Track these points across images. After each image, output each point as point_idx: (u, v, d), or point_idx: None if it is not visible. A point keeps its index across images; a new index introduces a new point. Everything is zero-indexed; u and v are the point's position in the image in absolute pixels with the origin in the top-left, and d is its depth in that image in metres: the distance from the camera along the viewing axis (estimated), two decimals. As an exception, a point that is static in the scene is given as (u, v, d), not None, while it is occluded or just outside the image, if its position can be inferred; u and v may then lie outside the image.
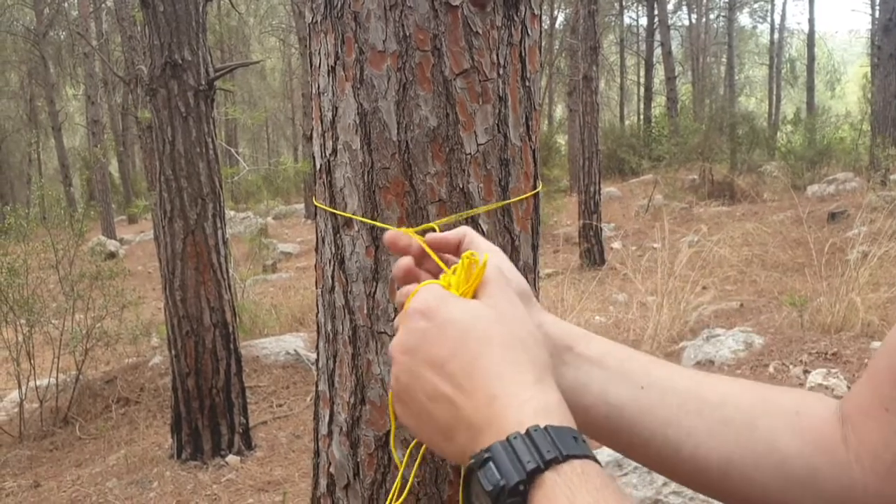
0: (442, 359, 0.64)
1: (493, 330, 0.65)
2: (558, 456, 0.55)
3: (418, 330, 0.66)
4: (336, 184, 1.08)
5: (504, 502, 0.55)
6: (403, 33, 1.00)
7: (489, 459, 0.57)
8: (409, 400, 0.68)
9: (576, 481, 0.55)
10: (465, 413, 0.62)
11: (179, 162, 5.04)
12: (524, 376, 0.62)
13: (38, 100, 30.17)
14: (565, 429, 0.58)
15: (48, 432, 6.44)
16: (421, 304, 0.68)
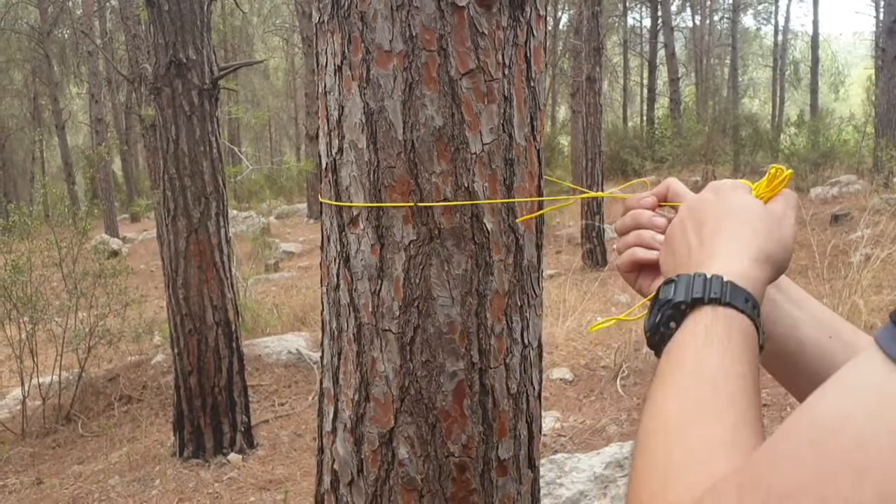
0: (703, 221, 0.80)
1: (752, 220, 0.79)
2: (721, 298, 0.69)
3: (706, 198, 0.83)
4: (342, 182, 1.09)
5: (665, 311, 0.71)
6: (410, 33, 1.01)
7: (674, 281, 0.73)
8: (670, 241, 0.84)
9: (720, 319, 0.68)
10: (692, 257, 0.78)
11: (183, 160, 5.05)
12: (748, 252, 0.75)
13: (41, 98, 30.21)
14: (743, 290, 0.71)
15: (51, 429, 6.45)
16: (719, 183, 0.84)
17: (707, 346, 0.66)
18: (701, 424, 0.61)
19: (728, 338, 0.66)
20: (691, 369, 0.65)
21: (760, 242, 0.77)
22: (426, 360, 1.06)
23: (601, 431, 4.68)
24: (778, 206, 0.84)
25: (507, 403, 1.11)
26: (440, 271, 1.04)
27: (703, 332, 0.67)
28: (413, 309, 1.05)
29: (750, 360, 0.67)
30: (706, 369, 0.64)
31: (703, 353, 0.66)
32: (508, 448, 1.12)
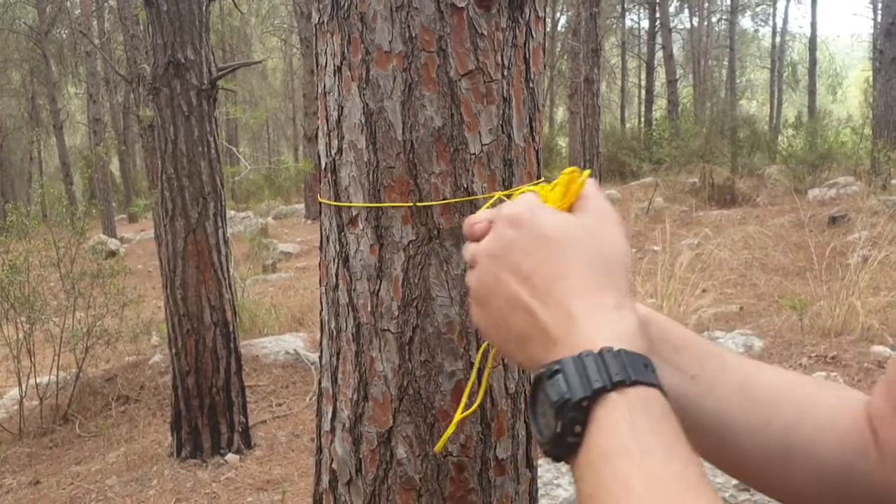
0: (527, 270, 0.65)
1: (582, 248, 0.66)
2: (626, 379, 0.56)
3: (507, 237, 0.67)
4: (341, 182, 1.09)
5: (566, 415, 0.56)
6: (409, 34, 1.01)
7: (559, 372, 0.58)
8: (487, 304, 0.68)
9: (638, 406, 0.56)
10: (541, 325, 0.63)
11: (181, 161, 5.05)
12: (605, 300, 0.63)
13: (39, 98, 30.18)
14: (638, 355, 0.59)
15: (48, 430, 6.45)
16: (513, 212, 0.68)
17: (646, 454, 0.53)
18: None
19: (658, 431, 0.55)
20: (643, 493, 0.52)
21: (611, 280, 0.65)
22: (425, 359, 1.06)
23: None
24: (590, 221, 0.68)
25: (506, 403, 1.12)
26: (439, 271, 1.04)
27: (628, 433, 0.54)
28: (412, 309, 1.06)
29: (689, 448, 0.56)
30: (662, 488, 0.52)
31: (647, 464, 0.53)
32: (506, 448, 1.13)
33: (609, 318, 0.62)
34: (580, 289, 0.63)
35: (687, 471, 0.54)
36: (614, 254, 0.67)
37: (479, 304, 0.69)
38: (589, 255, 0.65)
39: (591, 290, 0.63)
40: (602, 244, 0.67)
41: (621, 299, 0.64)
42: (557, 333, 0.62)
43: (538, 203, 0.69)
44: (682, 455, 0.55)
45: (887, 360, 4.94)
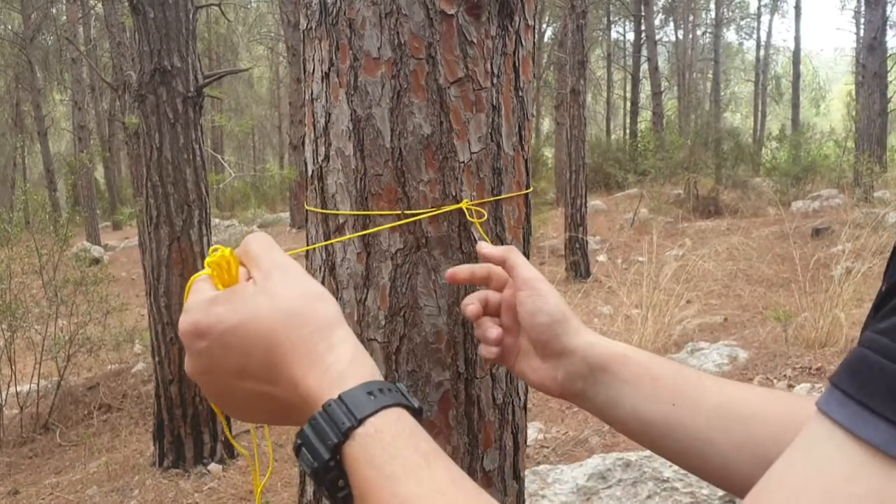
0: (239, 366, 0.65)
1: (272, 316, 0.65)
2: (353, 424, 0.58)
3: (202, 351, 0.66)
4: (328, 190, 1.08)
5: (325, 479, 0.59)
6: (398, 41, 1.00)
7: (301, 445, 0.60)
8: (234, 406, 0.69)
9: (370, 443, 0.58)
10: (283, 401, 0.65)
11: (167, 168, 5.03)
12: (315, 350, 0.63)
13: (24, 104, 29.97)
14: (360, 388, 0.60)
15: (28, 439, 6.39)
16: (190, 326, 0.66)
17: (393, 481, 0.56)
18: None
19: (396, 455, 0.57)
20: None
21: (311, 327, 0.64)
22: (412, 369, 1.05)
23: (584, 443, 4.67)
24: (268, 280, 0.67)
25: (493, 414, 1.11)
26: (427, 280, 1.03)
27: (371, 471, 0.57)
28: (399, 318, 1.04)
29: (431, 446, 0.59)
30: None
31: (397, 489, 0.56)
32: (494, 459, 1.12)
33: (326, 365, 0.62)
34: (290, 352, 0.63)
35: (431, 476, 0.57)
36: (303, 298, 0.66)
37: (228, 408, 0.70)
38: (280, 316, 0.65)
39: (298, 348, 0.63)
40: (287, 297, 0.66)
41: (329, 338, 0.64)
42: (296, 402, 0.63)
43: (208, 297, 0.68)
44: (425, 464, 0.58)
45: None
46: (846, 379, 0.41)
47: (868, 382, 0.39)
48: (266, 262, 0.69)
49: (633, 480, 3.58)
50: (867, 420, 0.39)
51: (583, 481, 3.65)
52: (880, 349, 0.39)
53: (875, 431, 0.38)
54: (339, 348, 0.64)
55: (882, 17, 17.32)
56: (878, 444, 0.38)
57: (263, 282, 0.67)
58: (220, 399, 0.69)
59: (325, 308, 0.67)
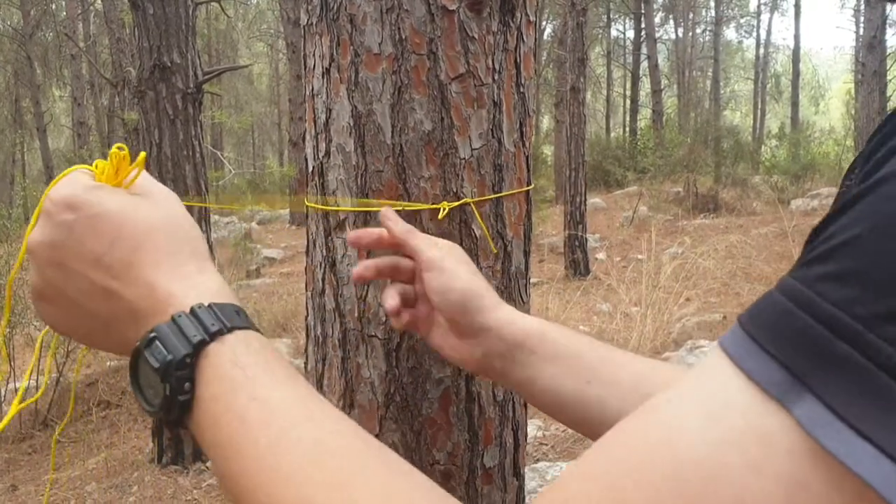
0: (97, 253, 0.62)
1: (152, 220, 0.64)
2: (223, 328, 0.58)
3: (65, 224, 0.62)
4: (329, 186, 1.08)
5: (172, 376, 0.56)
6: (399, 36, 1.00)
7: (155, 339, 0.58)
8: (55, 297, 0.65)
9: (239, 347, 0.58)
10: (126, 304, 0.62)
11: (166, 164, 5.02)
12: (186, 267, 0.63)
13: (23, 100, 29.95)
14: (228, 305, 0.61)
15: (27, 435, 6.39)
16: (66, 196, 0.63)
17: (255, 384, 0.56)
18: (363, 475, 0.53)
19: (259, 363, 0.57)
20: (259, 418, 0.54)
21: (189, 246, 0.65)
22: (412, 366, 1.05)
23: (583, 440, 4.68)
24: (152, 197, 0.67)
25: (494, 410, 1.11)
26: (427, 277, 1.03)
27: (235, 372, 0.56)
28: (399, 315, 1.04)
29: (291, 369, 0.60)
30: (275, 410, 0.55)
31: (258, 392, 0.55)
32: (494, 456, 1.11)
33: (194, 281, 0.62)
34: (159, 259, 0.63)
35: (295, 387, 0.57)
36: (182, 226, 0.67)
37: (47, 300, 0.66)
38: (159, 227, 0.64)
39: (169, 259, 0.63)
40: (169, 217, 0.66)
41: (202, 263, 0.65)
42: (144, 307, 0.61)
43: (91, 183, 0.65)
44: (285, 374, 0.58)
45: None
46: (748, 317, 0.41)
47: (766, 322, 0.39)
48: (150, 184, 0.70)
49: (632, 478, 3.57)
50: (755, 355, 0.38)
51: (582, 479, 3.64)
52: (787, 291, 0.39)
53: (757, 365, 0.38)
54: (209, 274, 0.64)
55: (882, 16, 17.32)
56: (759, 379, 0.38)
57: (147, 194, 0.67)
58: (50, 287, 0.64)
59: (201, 239, 0.68)
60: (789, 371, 0.36)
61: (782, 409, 0.36)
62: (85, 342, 0.68)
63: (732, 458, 0.37)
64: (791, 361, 0.36)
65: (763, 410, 0.37)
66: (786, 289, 0.39)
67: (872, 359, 0.34)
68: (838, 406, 0.34)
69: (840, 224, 0.38)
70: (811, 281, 0.38)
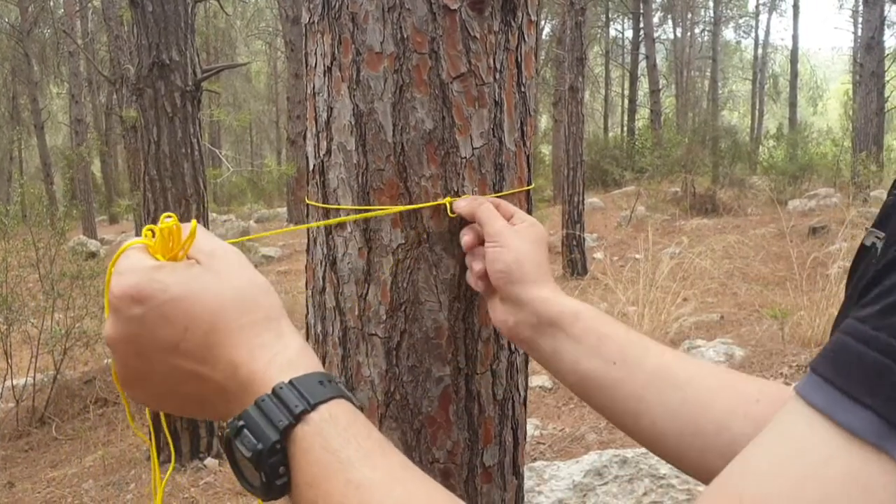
0: (174, 340, 0.61)
1: (221, 296, 0.63)
2: (306, 407, 0.57)
3: (135, 318, 0.61)
4: (329, 184, 1.08)
5: (266, 464, 0.56)
6: (401, 35, 1.00)
7: (244, 427, 0.58)
8: (146, 385, 0.65)
9: (325, 427, 0.57)
10: (213, 385, 0.62)
11: (164, 162, 5.02)
12: (263, 336, 0.62)
13: (21, 97, 29.89)
14: (311, 376, 0.60)
15: (24, 432, 6.38)
16: (130, 289, 0.62)
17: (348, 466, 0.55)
18: None
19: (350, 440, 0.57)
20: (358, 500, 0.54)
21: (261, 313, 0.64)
22: (412, 365, 1.05)
23: (580, 439, 4.68)
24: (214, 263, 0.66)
25: (493, 409, 1.11)
26: (428, 275, 1.03)
27: (326, 456, 0.56)
28: (400, 313, 1.04)
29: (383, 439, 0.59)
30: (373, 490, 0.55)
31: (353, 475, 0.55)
32: (494, 454, 1.12)
33: (274, 352, 0.62)
34: (235, 335, 0.62)
35: (387, 464, 0.57)
36: (252, 284, 0.66)
37: (134, 387, 0.65)
38: (228, 300, 0.63)
39: (244, 333, 0.62)
40: (236, 279, 0.65)
41: (278, 327, 0.64)
42: (231, 388, 0.61)
43: (150, 264, 0.64)
44: (379, 450, 0.58)
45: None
46: (825, 364, 0.41)
47: (846, 368, 0.39)
48: (209, 244, 0.68)
49: (630, 477, 3.58)
50: (844, 405, 0.38)
51: (579, 478, 3.66)
52: (859, 336, 0.39)
53: (852, 416, 0.38)
54: (287, 338, 0.64)
55: (880, 17, 17.34)
56: (854, 429, 0.38)
57: (209, 262, 0.66)
58: (136, 376, 0.64)
59: (273, 298, 0.67)
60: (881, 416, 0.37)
61: (881, 452, 0.37)
62: (182, 414, 0.68)
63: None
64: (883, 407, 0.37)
65: (861, 457, 0.37)
66: (867, 338, 0.39)
67: None
68: None
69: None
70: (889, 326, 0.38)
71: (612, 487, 3.56)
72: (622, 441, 4.34)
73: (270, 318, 0.64)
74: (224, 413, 0.62)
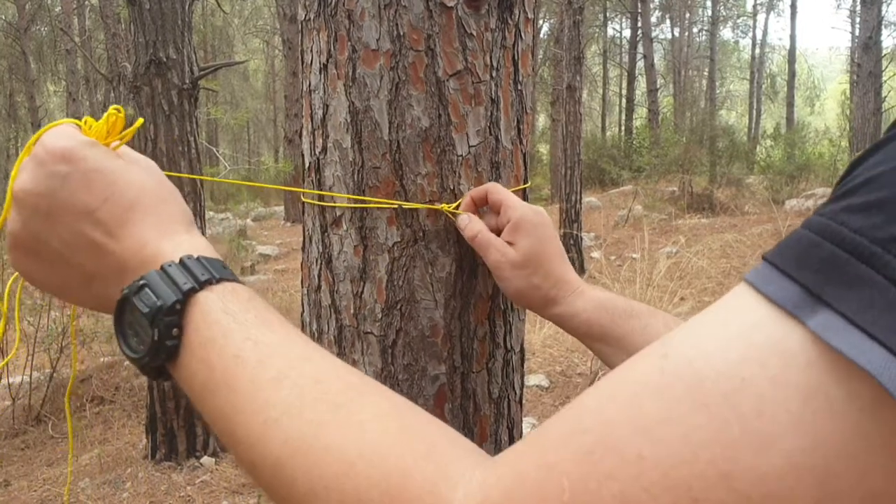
0: (89, 207, 0.63)
1: (144, 182, 0.66)
2: (212, 278, 0.60)
3: (58, 174, 0.62)
4: (325, 182, 1.08)
5: (161, 321, 0.57)
6: (397, 32, 1.00)
7: (145, 286, 0.59)
8: (37, 246, 0.65)
9: (228, 296, 0.59)
10: (114, 258, 0.63)
11: (161, 160, 5.01)
12: (176, 226, 0.65)
13: (18, 95, 29.83)
14: (216, 259, 0.63)
15: (20, 430, 6.37)
16: (63, 148, 0.63)
17: (247, 326, 0.57)
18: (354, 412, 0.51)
19: (249, 309, 0.59)
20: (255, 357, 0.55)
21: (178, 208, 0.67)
22: (408, 363, 1.05)
23: (577, 439, 4.68)
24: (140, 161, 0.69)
25: (489, 408, 1.10)
26: (424, 274, 1.03)
27: (226, 317, 0.57)
28: (396, 311, 1.04)
29: (281, 317, 0.61)
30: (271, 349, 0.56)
31: (252, 333, 0.57)
32: (489, 453, 1.11)
33: (183, 238, 0.64)
34: (150, 219, 0.64)
35: (289, 332, 0.59)
36: (171, 191, 0.69)
37: (26, 250, 0.65)
38: (151, 189, 0.66)
39: (160, 220, 0.65)
40: (159, 182, 0.68)
41: (190, 225, 0.67)
42: (133, 262, 0.62)
43: (87, 139, 0.66)
44: (278, 321, 0.59)
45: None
46: (773, 251, 0.42)
47: (790, 252, 0.40)
48: (133, 152, 0.71)
49: (626, 476, 3.58)
50: (775, 278, 0.40)
51: (575, 477, 3.65)
52: (812, 225, 0.40)
53: (777, 287, 0.39)
54: (197, 236, 0.66)
55: (877, 17, 17.35)
56: (777, 298, 0.39)
57: (136, 159, 0.69)
58: (32, 238, 0.64)
59: (186, 207, 0.70)
60: (807, 289, 0.38)
61: (800, 323, 0.38)
62: (58, 295, 0.68)
63: (753, 372, 0.38)
64: (809, 281, 0.38)
65: (783, 327, 0.38)
66: (811, 223, 0.40)
67: (888, 276, 0.35)
68: (852, 314, 0.36)
69: (865, 165, 0.41)
70: (835, 213, 0.39)
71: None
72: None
73: (185, 214, 0.68)
74: (111, 295, 0.62)
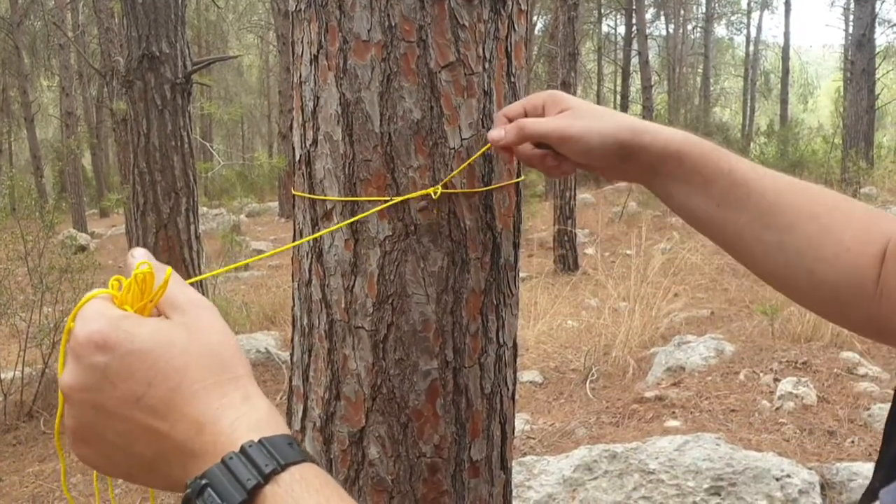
0: (136, 394, 0.58)
1: (189, 352, 0.60)
2: (276, 467, 0.55)
3: (97, 366, 0.58)
4: (316, 175, 1.07)
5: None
6: (389, 23, 0.99)
7: (207, 486, 0.55)
8: (95, 440, 0.61)
9: (296, 488, 0.55)
10: (173, 444, 0.59)
11: (154, 155, 4.99)
12: (230, 397, 0.60)
13: (10, 90, 29.69)
14: (279, 437, 0.57)
15: (11, 426, 6.34)
16: (95, 334, 0.59)
17: None
18: None
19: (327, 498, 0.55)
20: None
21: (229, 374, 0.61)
22: (399, 358, 1.04)
23: (570, 434, 4.68)
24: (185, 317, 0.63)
25: (481, 403, 1.09)
26: (415, 268, 1.02)
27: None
28: (387, 306, 1.03)
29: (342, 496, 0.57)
30: None
31: None
32: (481, 449, 1.10)
33: (241, 412, 0.59)
34: (201, 395, 0.59)
35: None
36: (223, 343, 0.63)
37: (85, 443, 0.62)
38: (197, 354, 0.61)
39: (210, 392, 0.60)
40: (206, 337, 0.63)
41: (245, 388, 0.62)
42: (194, 447, 0.58)
43: (118, 314, 0.61)
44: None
45: (857, 366, 4.99)
46: None
47: None
48: (182, 296, 0.65)
49: (619, 472, 3.58)
50: None
51: (569, 472, 3.65)
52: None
53: None
54: (255, 400, 0.61)
55: (871, 14, 17.37)
56: None
57: (180, 317, 0.63)
58: (89, 431, 0.61)
59: (243, 360, 0.64)
60: None
61: None
62: (129, 480, 0.64)
63: None
64: None
65: None
66: None
67: None
68: None
69: None
70: None
71: (602, 482, 3.56)
72: (612, 436, 4.34)
73: (238, 378, 0.62)
74: (177, 477, 0.59)
